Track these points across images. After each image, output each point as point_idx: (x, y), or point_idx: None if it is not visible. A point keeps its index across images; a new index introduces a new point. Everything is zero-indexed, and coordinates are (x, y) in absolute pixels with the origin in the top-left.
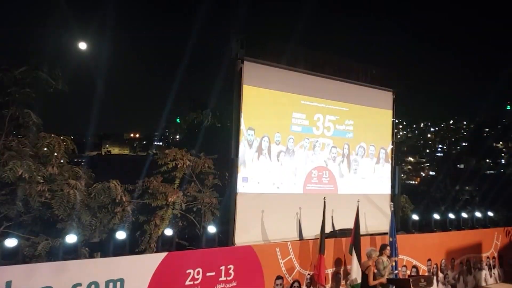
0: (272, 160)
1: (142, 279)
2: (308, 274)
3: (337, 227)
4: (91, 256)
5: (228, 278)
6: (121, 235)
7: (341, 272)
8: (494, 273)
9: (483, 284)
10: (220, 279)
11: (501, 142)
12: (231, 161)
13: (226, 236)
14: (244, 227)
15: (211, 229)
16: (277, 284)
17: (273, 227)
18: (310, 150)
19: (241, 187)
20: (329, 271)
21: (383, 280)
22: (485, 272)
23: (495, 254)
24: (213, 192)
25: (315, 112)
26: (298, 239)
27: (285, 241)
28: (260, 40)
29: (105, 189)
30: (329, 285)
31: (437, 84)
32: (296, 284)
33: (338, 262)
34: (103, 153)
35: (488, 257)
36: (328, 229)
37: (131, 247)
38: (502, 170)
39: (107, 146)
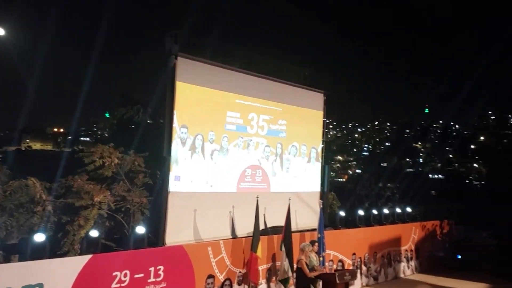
0: (205, 158)
1: (63, 284)
2: (240, 272)
3: (269, 225)
4: (7, 259)
5: (158, 279)
6: (40, 237)
7: (273, 268)
8: (411, 265)
9: (402, 275)
10: (149, 280)
11: (419, 143)
12: (163, 159)
13: (156, 236)
14: (175, 227)
15: (140, 229)
16: (208, 283)
17: (205, 226)
18: (244, 149)
19: (173, 186)
20: (261, 268)
21: (316, 273)
22: (403, 264)
23: (413, 247)
24: (143, 191)
25: (249, 111)
26: (231, 237)
27: (217, 240)
28: (195, 36)
29: (23, 187)
30: (261, 281)
31: (365, 87)
32: (227, 282)
33: (269, 259)
34: (23, 149)
35: (406, 250)
36: (260, 227)
37: (53, 249)
38: (420, 169)
39: (27, 141)
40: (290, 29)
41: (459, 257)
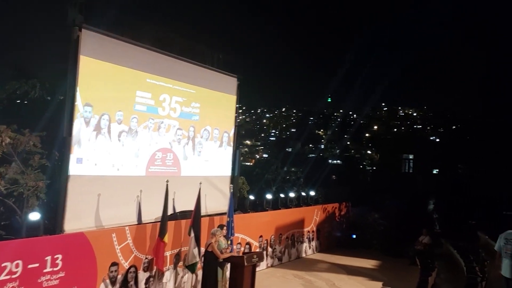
0: (112, 140)
1: None
2: (146, 258)
3: (178, 209)
4: None
5: (55, 269)
6: None
7: (180, 254)
8: (312, 245)
9: (303, 255)
10: (45, 270)
11: (322, 130)
12: (62, 140)
13: (53, 223)
14: (76, 213)
15: (35, 215)
16: (112, 271)
17: (110, 211)
18: (155, 131)
19: (74, 169)
20: (168, 253)
21: (226, 255)
22: (305, 245)
23: (314, 228)
24: (39, 174)
25: (161, 92)
26: (137, 223)
27: (122, 226)
28: (102, 7)
29: None
30: (168, 267)
31: (274, 74)
32: (132, 270)
33: (177, 244)
34: None
35: (308, 231)
36: (169, 211)
37: None
38: (321, 154)
39: None
40: (205, 11)
41: (354, 236)
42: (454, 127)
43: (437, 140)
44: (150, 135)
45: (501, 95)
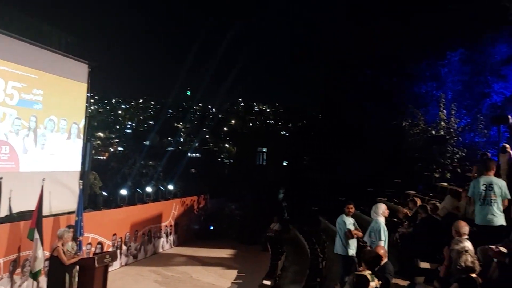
0: None
1: None
2: None
3: (16, 210)
4: None
5: None
6: None
7: (19, 260)
8: (170, 240)
9: (160, 250)
10: None
11: (181, 123)
12: None
13: None
14: None
15: None
16: None
17: None
18: None
19: None
20: (2, 260)
21: (73, 259)
22: (163, 240)
23: (172, 223)
24: None
25: None
26: None
27: None
28: None
29: None
30: (2, 276)
31: (132, 63)
32: None
33: (14, 250)
34: None
35: (166, 226)
36: (3, 212)
37: None
38: (180, 148)
39: None
40: None
41: (212, 228)
42: (300, 123)
43: (287, 134)
44: None
45: (337, 95)
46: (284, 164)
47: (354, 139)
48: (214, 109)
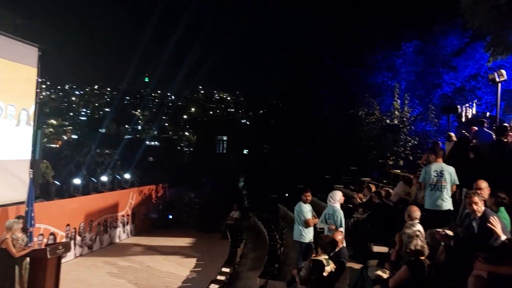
0: None
1: None
2: None
3: None
4: None
5: None
6: None
7: None
8: (127, 229)
9: (117, 240)
10: None
11: (139, 110)
12: None
13: None
14: None
15: None
16: None
17: None
18: None
19: None
20: None
21: (24, 251)
22: (119, 230)
23: (129, 212)
24: None
25: None
26: None
27: None
28: None
29: None
30: None
31: (87, 48)
32: None
33: None
34: None
35: (123, 215)
36: None
37: None
38: (138, 136)
39: None
40: None
41: (170, 216)
42: (261, 112)
43: (248, 123)
44: None
45: (296, 83)
46: (245, 152)
47: (313, 127)
48: (173, 97)
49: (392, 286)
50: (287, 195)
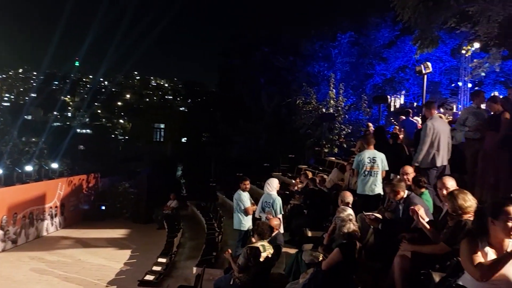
0: None
1: None
2: None
3: None
4: None
5: None
6: None
7: None
8: (55, 222)
9: (45, 233)
10: None
11: (68, 96)
12: None
13: None
14: None
15: None
16: None
17: None
18: None
19: None
20: None
21: None
22: (47, 222)
23: (58, 204)
24: None
25: None
26: None
27: None
28: None
29: None
30: None
31: (9, 28)
32: None
33: None
34: None
35: (51, 207)
36: None
37: None
38: (68, 123)
39: None
40: None
41: (103, 207)
42: (199, 99)
43: (186, 110)
44: None
45: (234, 71)
46: (183, 140)
47: (251, 115)
48: (106, 82)
49: (325, 268)
50: (226, 183)
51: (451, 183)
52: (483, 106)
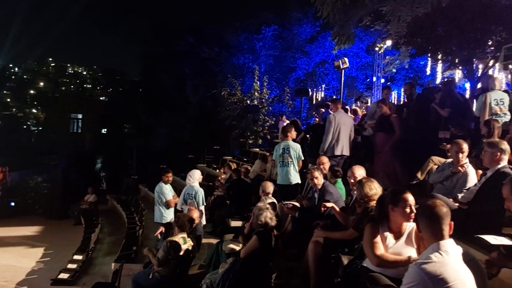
0: None
1: None
2: None
3: None
4: None
5: None
6: None
7: None
8: None
9: None
10: None
11: None
12: None
13: None
14: None
15: None
16: None
17: None
18: None
19: None
20: None
21: None
22: None
23: None
24: None
25: None
26: None
27: None
28: None
29: None
30: None
31: None
32: None
33: None
34: None
35: None
36: None
37: None
38: None
39: None
40: None
41: (13, 204)
42: (121, 89)
43: (106, 100)
44: None
45: (156, 60)
46: (103, 131)
47: (176, 106)
48: (17, 69)
49: (243, 256)
50: (148, 175)
51: (359, 172)
52: None
